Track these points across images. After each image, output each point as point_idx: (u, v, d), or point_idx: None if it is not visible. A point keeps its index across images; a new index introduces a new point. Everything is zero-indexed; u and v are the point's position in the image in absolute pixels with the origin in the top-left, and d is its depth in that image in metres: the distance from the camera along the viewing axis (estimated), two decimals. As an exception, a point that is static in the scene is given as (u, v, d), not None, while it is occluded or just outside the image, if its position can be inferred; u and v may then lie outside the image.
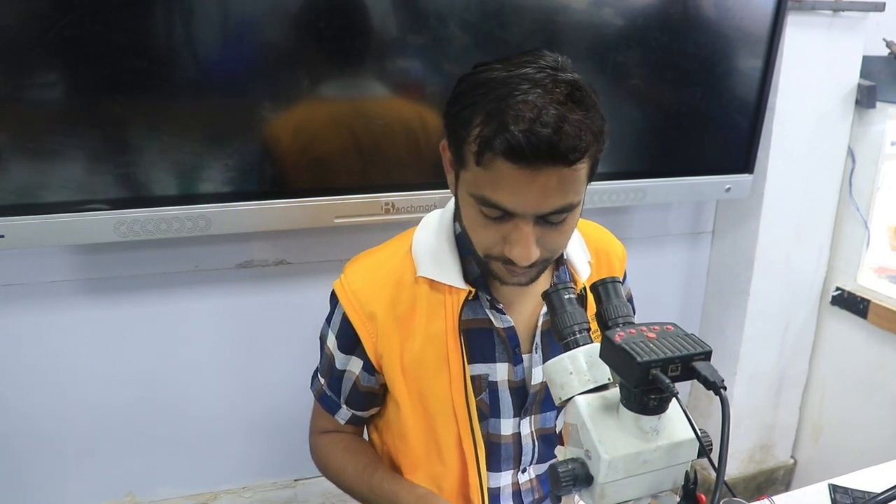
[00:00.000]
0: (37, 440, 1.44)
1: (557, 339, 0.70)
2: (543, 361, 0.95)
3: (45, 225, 1.15)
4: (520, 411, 0.96)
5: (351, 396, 0.99)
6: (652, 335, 0.59)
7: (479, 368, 0.93)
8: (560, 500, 0.71)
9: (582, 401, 0.64)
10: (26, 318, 1.36)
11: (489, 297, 0.92)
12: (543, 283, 0.96)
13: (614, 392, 0.64)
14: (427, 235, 0.94)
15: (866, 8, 1.63)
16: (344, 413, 1.01)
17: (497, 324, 0.93)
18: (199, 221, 1.23)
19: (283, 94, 1.24)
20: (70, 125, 1.13)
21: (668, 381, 0.56)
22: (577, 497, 0.67)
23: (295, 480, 1.68)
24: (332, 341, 0.97)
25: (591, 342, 0.68)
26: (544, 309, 0.94)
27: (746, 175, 1.65)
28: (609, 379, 0.66)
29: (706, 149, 1.61)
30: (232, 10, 1.16)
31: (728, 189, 1.64)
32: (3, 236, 1.13)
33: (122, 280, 1.40)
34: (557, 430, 1.00)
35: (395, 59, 1.28)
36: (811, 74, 1.67)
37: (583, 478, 0.62)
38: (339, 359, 0.97)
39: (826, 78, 1.69)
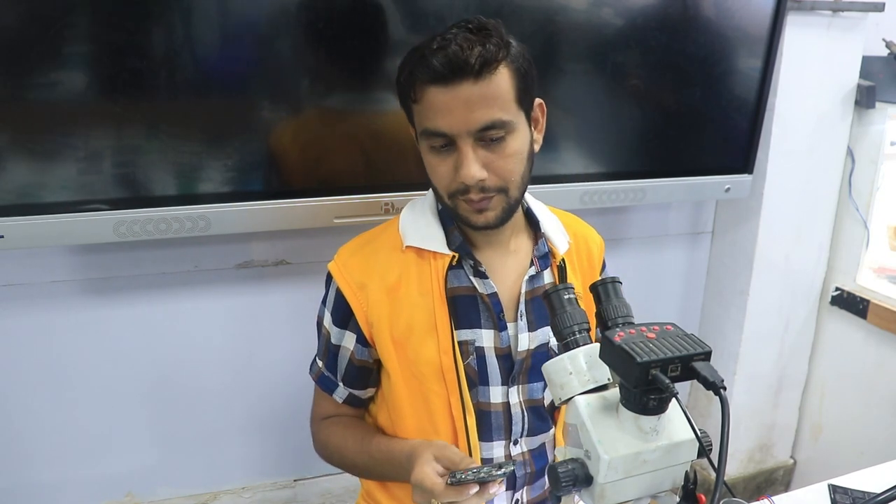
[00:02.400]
0: (37, 440, 1.44)
1: (557, 340, 0.70)
2: (529, 329, 0.99)
3: (45, 225, 1.15)
4: (507, 379, 0.99)
5: (347, 373, 1.02)
6: (651, 335, 0.59)
7: (466, 334, 0.97)
8: (560, 500, 0.71)
9: (582, 401, 0.64)
10: (26, 318, 1.36)
11: (472, 262, 0.96)
12: (525, 251, 1.01)
13: (614, 392, 0.64)
14: (413, 212, 1.02)
15: (866, 8, 1.63)
16: (341, 391, 1.04)
17: (480, 289, 0.96)
18: (198, 222, 1.23)
19: (283, 95, 1.24)
20: (70, 125, 1.13)
21: (667, 381, 0.56)
22: (576, 497, 0.67)
23: (294, 480, 1.68)
24: (327, 319, 1.02)
25: (591, 342, 0.68)
26: (527, 276, 0.99)
27: (746, 175, 1.65)
28: (609, 379, 0.66)
29: (706, 149, 1.61)
30: (231, 11, 1.16)
31: (727, 189, 1.65)
32: (2, 236, 1.13)
33: (121, 280, 1.40)
34: (545, 403, 1.02)
35: (394, 59, 1.27)
36: (811, 74, 1.67)
37: (582, 478, 0.62)
38: (335, 334, 1.01)
39: (825, 78, 1.69)
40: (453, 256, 0.95)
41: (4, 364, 1.37)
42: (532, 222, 1.03)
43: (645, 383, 0.57)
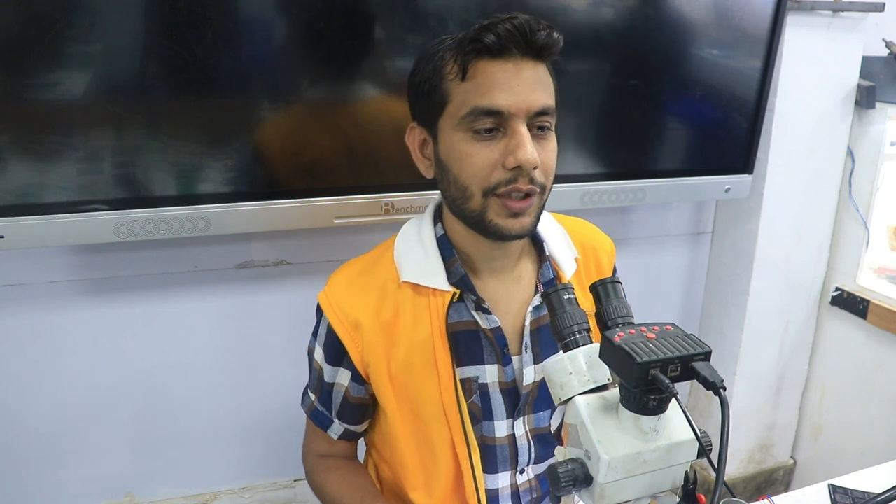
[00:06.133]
0: (36, 440, 1.44)
1: (557, 340, 0.70)
2: (535, 362, 0.95)
3: (45, 225, 1.15)
4: (513, 412, 0.96)
5: (342, 409, 0.99)
6: (651, 335, 0.59)
7: (469, 371, 0.93)
8: (560, 500, 0.71)
9: (581, 401, 0.64)
10: (26, 318, 1.36)
11: (474, 298, 0.91)
12: (529, 278, 0.97)
13: (614, 392, 0.64)
14: (408, 241, 0.95)
15: (866, 8, 1.63)
16: (336, 428, 1.01)
17: (483, 325, 0.92)
18: (198, 222, 1.23)
19: (283, 95, 1.24)
20: (70, 125, 1.13)
21: (667, 381, 0.56)
22: (576, 497, 0.67)
23: (294, 481, 1.68)
24: (319, 354, 0.97)
25: (591, 342, 0.68)
26: (531, 308, 0.95)
27: (746, 175, 1.65)
28: (609, 379, 0.66)
29: (706, 149, 1.61)
30: (231, 11, 1.16)
31: (728, 189, 1.64)
32: (2, 237, 1.13)
33: (121, 280, 1.40)
34: (552, 430, 1.00)
35: (394, 59, 1.28)
36: (811, 75, 1.67)
37: (582, 478, 0.62)
38: (328, 371, 0.97)
39: (825, 78, 1.69)
40: (454, 293, 0.90)
41: (4, 364, 1.37)
42: (536, 244, 0.98)
43: (645, 383, 0.56)
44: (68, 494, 1.49)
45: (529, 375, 0.95)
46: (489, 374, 0.93)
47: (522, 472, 0.99)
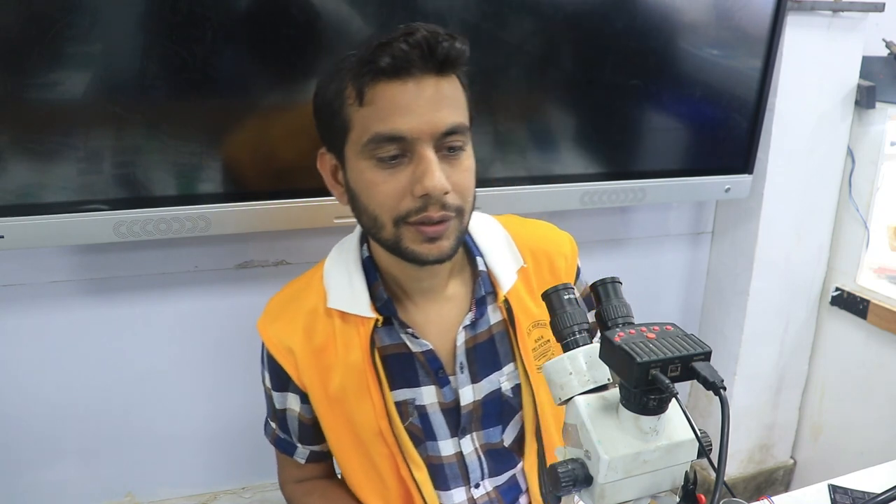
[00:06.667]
0: (36, 440, 1.44)
1: (557, 340, 0.70)
2: (472, 381, 0.93)
3: (45, 225, 1.15)
4: (456, 431, 0.94)
5: (302, 433, 0.98)
6: (651, 335, 0.59)
7: (404, 394, 0.91)
8: (560, 500, 0.71)
9: (581, 401, 0.64)
10: (26, 318, 1.36)
11: (399, 323, 0.90)
12: (463, 295, 0.93)
13: (614, 392, 0.64)
14: (335, 264, 0.93)
15: (866, 8, 1.63)
16: (302, 452, 1.00)
17: (414, 348, 0.90)
18: (198, 222, 1.23)
19: (283, 95, 1.24)
20: (70, 125, 1.13)
21: (667, 381, 0.55)
22: (576, 497, 0.67)
23: (295, 480, 1.67)
24: (267, 381, 0.97)
25: (591, 342, 0.68)
26: (462, 327, 0.92)
27: (746, 175, 1.65)
28: (609, 379, 0.66)
29: (706, 149, 1.61)
30: (231, 10, 1.16)
31: (728, 189, 1.64)
32: (2, 237, 1.13)
33: (121, 280, 1.39)
34: (506, 445, 0.98)
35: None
36: (811, 75, 1.67)
37: (582, 478, 0.62)
38: (277, 398, 0.97)
39: (825, 78, 1.69)
40: (377, 319, 0.88)
41: (4, 364, 1.37)
42: (471, 257, 0.94)
43: (645, 383, 0.56)
44: (68, 494, 1.49)
45: (468, 395, 0.93)
46: (426, 395, 0.92)
47: (478, 486, 0.98)
